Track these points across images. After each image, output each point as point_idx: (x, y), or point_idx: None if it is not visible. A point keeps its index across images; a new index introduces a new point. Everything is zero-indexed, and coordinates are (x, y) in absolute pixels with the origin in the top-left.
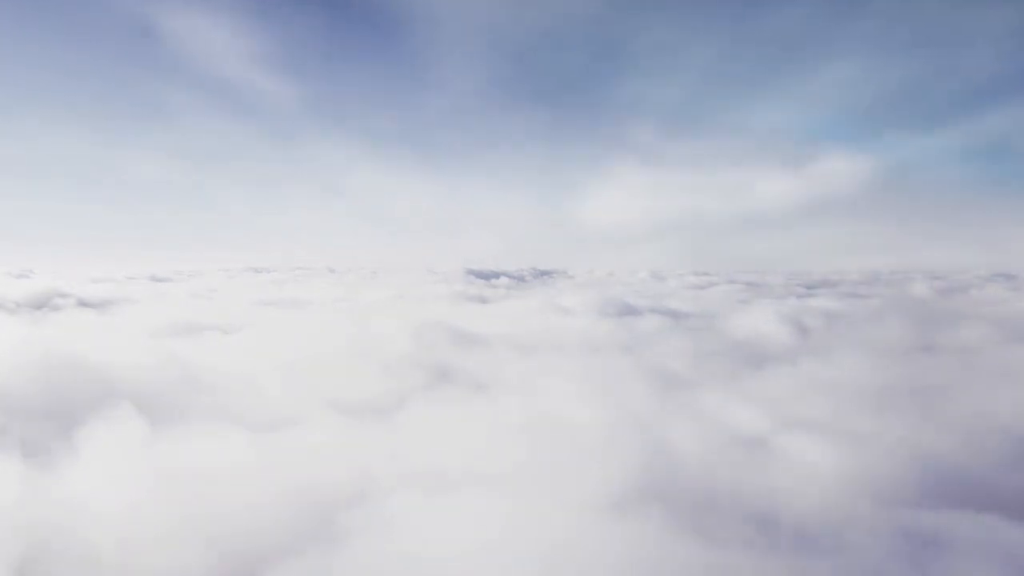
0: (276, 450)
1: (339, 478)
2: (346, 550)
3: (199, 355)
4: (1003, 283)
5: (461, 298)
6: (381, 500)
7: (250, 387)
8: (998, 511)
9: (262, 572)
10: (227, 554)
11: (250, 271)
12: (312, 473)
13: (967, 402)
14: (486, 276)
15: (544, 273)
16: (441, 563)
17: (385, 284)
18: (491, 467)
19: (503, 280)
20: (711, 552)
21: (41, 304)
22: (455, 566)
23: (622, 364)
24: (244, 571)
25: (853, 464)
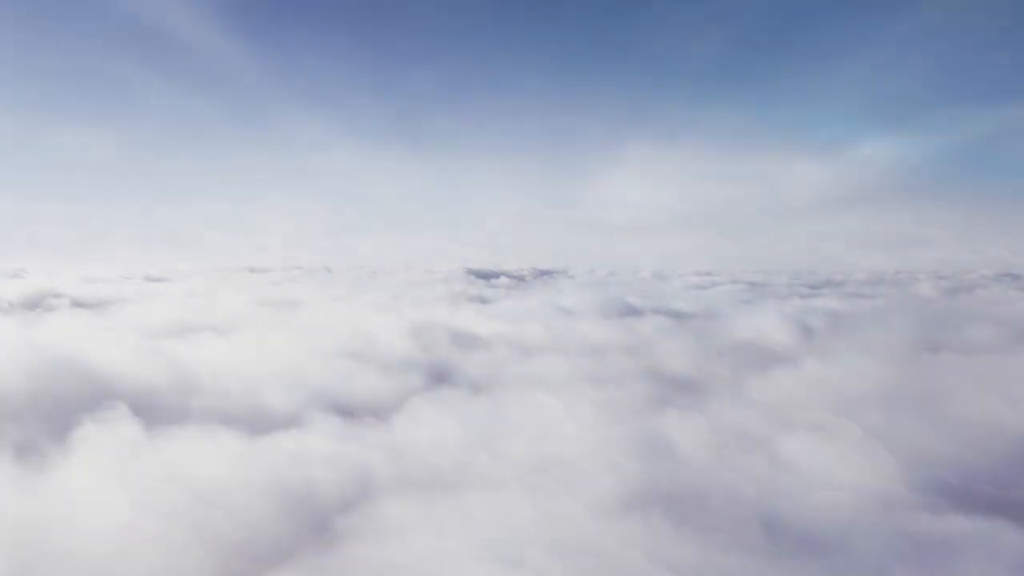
0: (273, 452)
1: (337, 481)
2: (344, 554)
3: (195, 356)
4: (1010, 283)
5: (461, 298)
6: (379, 503)
7: (247, 389)
8: (1005, 515)
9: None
10: (223, 558)
11: (246, 271)
12: (309, 476)
13: (973, 404)
14: (486, 276)
15: (544, 273)
16: (439, 567)
17: (384, 284)
18: (490, 469)
19: (503, 280)
20: (713, 554)
21: (35, 304)
22: (453, 569)
23: (623, 365)
24: (240, 575)
25: (858, 467)
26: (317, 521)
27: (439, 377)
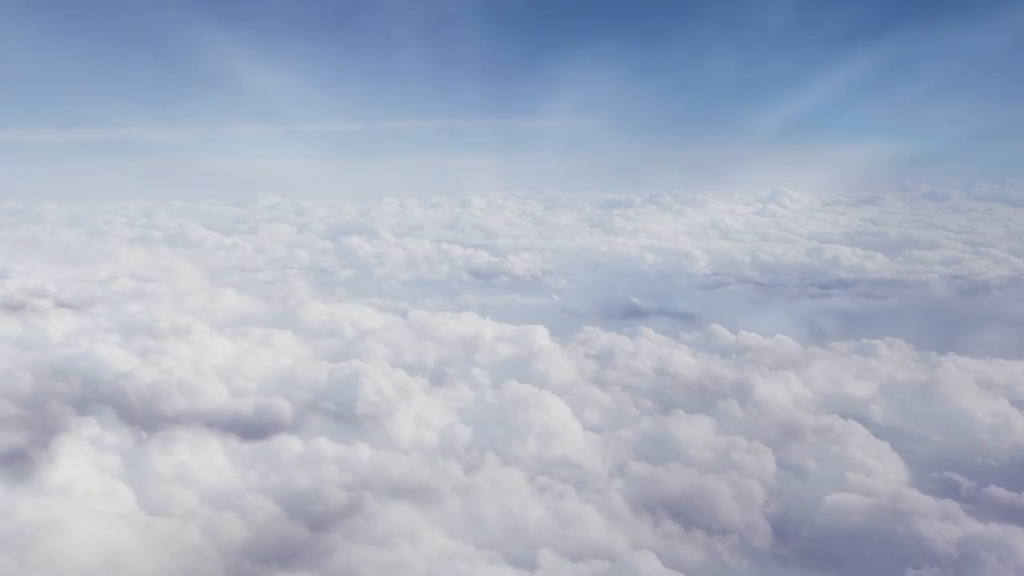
0: (266, 457)
1: (340, 483)
2: (350, 556)
3: (185, 358)
4: None
5: (463, 298)
6: (385, 505)
7: (239, 391)
8: (1018, 521)
9: None
10: (224, 561)
11: (241, 270)
12: (310, 478)
13: (985, 408)
14: (487, 276)
15: (547, 272)
16: (451, 569)
17: (384, 284)
18: (498, 470)
19: (505, 280)
20: (725, 558)
21: (18, 306)
22: (466, 571)
23: (629, 366)
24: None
25: (869, 470)
26: (320, 523)
27: (438, 379)
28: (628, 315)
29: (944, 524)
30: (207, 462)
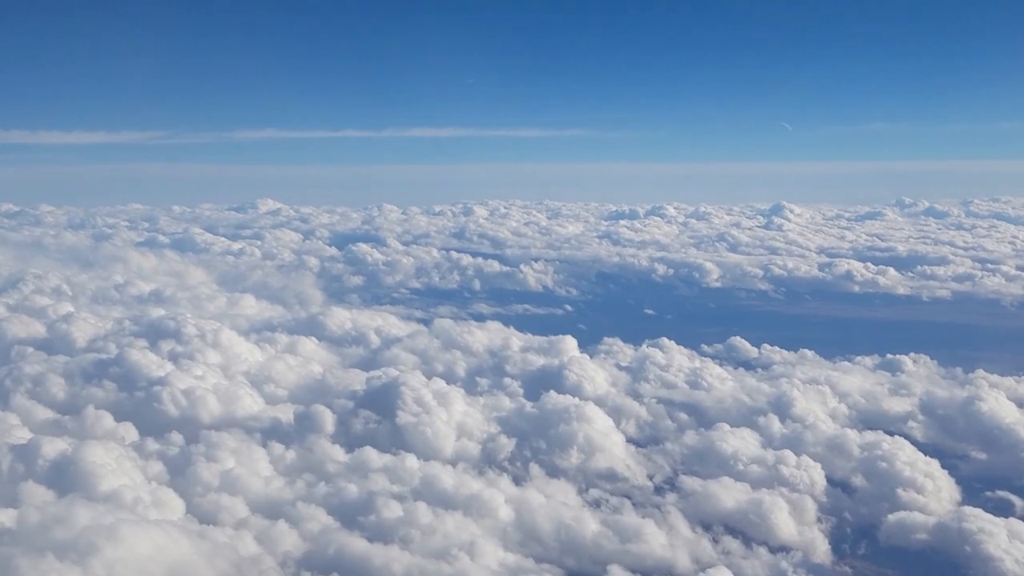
0: (311, 465)
1: (383, 494)
2: (399, 572)
3: (216, 364)
4: None
5: (475, 306)
6: (430, 518)
7: (272, 398)
8: None
9: None
10: (274, 574)
11: (249, 275)
12: (353, 489)
13: (1017, 421)
14: (497, 285)
15: (558, 283)
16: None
17: (398, 292)
18: (545, 483)
19: (515, 290)
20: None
21: (39, 309)
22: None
23: (659, 379)
24: None
25: (919, 489)
26: (377, 534)
27: (473, 388)
28: (644, 326)
29: (1012, 544)
30: (252, 470)
